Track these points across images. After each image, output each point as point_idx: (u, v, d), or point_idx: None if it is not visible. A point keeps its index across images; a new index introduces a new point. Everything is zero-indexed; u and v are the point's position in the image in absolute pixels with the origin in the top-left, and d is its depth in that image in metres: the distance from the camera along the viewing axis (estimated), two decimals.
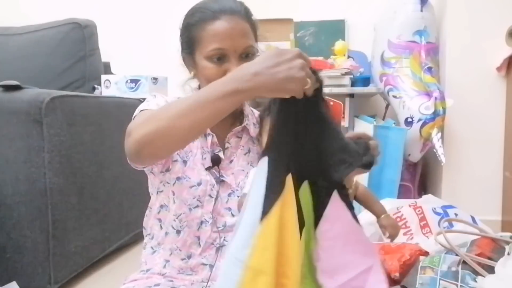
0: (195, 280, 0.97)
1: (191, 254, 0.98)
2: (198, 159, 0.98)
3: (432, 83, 2.03)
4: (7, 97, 1.34)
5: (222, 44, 0.91)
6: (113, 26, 2.39)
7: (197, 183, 0.96)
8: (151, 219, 1.04)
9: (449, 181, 2.13)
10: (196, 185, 0.96)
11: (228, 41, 0.91)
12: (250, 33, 0.95)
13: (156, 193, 1.01)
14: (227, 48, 0.91)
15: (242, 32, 0.92)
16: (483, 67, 2.07)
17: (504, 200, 2.06)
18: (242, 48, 0.92)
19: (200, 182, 0.96)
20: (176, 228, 0.98)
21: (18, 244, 1.36)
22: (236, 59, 0.92)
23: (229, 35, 0.91)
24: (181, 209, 0.96)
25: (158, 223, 1.02)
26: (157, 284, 0.95)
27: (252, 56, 0.95)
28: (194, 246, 0.97)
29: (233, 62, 0.92)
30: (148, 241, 1.05)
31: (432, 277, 1.07)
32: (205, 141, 0.99)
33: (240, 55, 0.93)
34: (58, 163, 1.39)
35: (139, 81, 1.94)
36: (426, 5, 2.12)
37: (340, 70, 2.21)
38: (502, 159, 2.07)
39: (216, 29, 0.92)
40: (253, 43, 0.96)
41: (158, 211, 1.01)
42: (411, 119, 2.03)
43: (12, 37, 2.08)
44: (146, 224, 1.06)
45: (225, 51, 0.92)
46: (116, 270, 1.68)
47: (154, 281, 0.97)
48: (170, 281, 0.97)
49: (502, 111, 2.06)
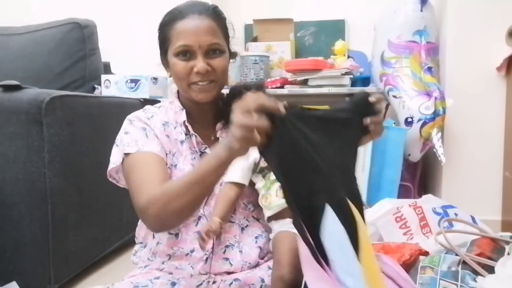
0: (194, 272, 0.99)
1: (193, 248, 1.00)
2: (188, 160, 1.01)
3: (432, 83, 2.03)
4: (7, 97, 1.34)
5: (187, 41, 0.96)
6: (113, 26, 2.39)
7: None
8: (143, 229, 1.07)
9: (449, 181, 2.13)
10: None
11: (193, 37, 0.96)
12: (217, 31, 0.99)
13: None
14: (192, 45, 0.96)
15: (207, 30, 0.97)
16: (483, 67, 2.07)
17: (504, 200, 2.06)
18: (207, 45, 0.97)
19: None
20: (174, 232, 1.01)
21: (18, 244, 1.36)
22: (202, 55, 0.97)
23: (194, 32, 0.96)
24: None
25: (151, 232, 1.04)
26: (157, 277, 0.97)
27: (221, 53, 1.00)
28: (195, 241, 0.99)
29: (199, 59, 0.96)
30: (140, 249, 1.06)
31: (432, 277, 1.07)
32: (191, 142, 1.03)
33: (207, 52, 0.97)
34: (58, 163, 1.39)
35: (139, 81, 1.95)
36: (426, 5, 2.12)
37: (340, 70, 2.21)
38: (502, 159, 2.07)
39: (182, 26, 0.97)
40: (221, 41, 1.00)
41: None
42: (411, 119, 2.03)
43: (12, 37, 2.07)
44: (138, 235, 1.09)
45: (190, 48, 0.96)
46: (116, 270, 1.68)
47: (154, 274, 0.99)
48: (170, 274, 0.99)
49: (502, 111, 2.06)
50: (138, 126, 1.01)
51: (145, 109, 1.07)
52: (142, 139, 0.99)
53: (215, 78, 0.99)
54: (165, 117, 1.05)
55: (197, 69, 0.96)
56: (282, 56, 2.49)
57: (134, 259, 1.09)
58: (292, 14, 2.56)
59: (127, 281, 0.97)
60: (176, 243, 1.01)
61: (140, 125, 1.01)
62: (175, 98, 1.08)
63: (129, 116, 1.05)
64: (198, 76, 0.97)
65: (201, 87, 0.98)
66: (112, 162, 1.01)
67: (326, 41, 2.56)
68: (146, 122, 1.02)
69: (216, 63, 0.98)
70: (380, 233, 1.58)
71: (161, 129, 1.02)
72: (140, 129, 1.00)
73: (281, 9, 2.59)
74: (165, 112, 1.06)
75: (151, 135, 1.00)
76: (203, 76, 0.97)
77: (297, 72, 2.24)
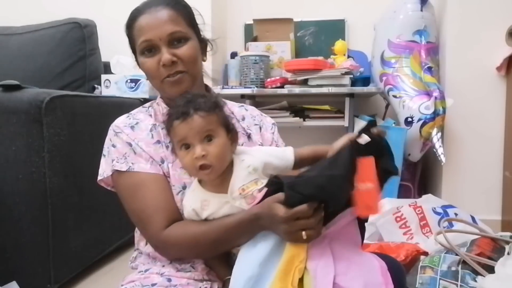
0: (195, 276, 0.97)
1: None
2: (176, 163, 0.96)
3: (432, 83, 2.03)
4: (7, 97, 1.34)
5: (147, 36, 0.93)
6: (113, 26, 2.38)
7: (182, 187, 0.96)
8: (136, 234, 1.04)
9: (449, 181, 2.13)
10: (182, 189, 0.95)
11: (151, 31, 0.93)
12: (177, 19, 0.95)
13: None
14: (153, 38, 0.93)
15: (165, 20, 0.93)
16: (483, 67, 2.07)
17: (504, 200, 2.06)
18: (167, 35, 0.93)
19: (185, 185, 0.96)
20: None
21: (18, 244, 1.36)
22: (166, 46, 0.93)
23: (151, 25, 0.93)
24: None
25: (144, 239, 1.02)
26: (154, 284, 0.95)
27: (186, 41, 0.96)
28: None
29: (163, 50, 0.93)
30: (138, 256, 1.04)
31: (432, 277, 1.07)
32: None
33: (170, 42, 0.94)
34: (58, 163, 1.39)
35: (139, 80, 1.95)
36: (426, 5, 2.12)
37: (340, 70, 2.21)
38: (502, 159, 2.07)
39: (140, 23, 0.95)
40: (183, 29, 0.95)
41: None
42: (411, 118, 2.03)
43: (12, 37, 2.07)
44: (138, 244, 1.06)
45: (152, 42, 0.93)
46: (116, 270, 1.68)
47: (151, 280, 0.97)
48: (168, 281, 0.97)
49: (502, 111, 2.06)
50: (123, 140, 0.96)
51: (131, 114, 1.02)
52: (130, 155, 0.95)
53: (184, 68, 0.94)
54: (152, 120, 1.00)
55: (162, 62, 0.92)
56: (282, 56, 2.49)
57: (131, 265, 1.06)
58: (292, 14, 2.55)
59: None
60: None
61: (125, 139, 0.96)
62: (160, 99, 1.04)
63: (113, 125, 0.99)
64: (166, 69, 0.93)
65: (173, 80, 0.94)
66: (100, 174, 0.98)
67: (326, 41, 2.56)
68: (129, 136, 0.97)
69: (181, 52, 0.94)
70: (380, 233, 1.58)
71: (147, 138, 0.97)
72: (125, 143, 0.96)
73: (281, 9, 2.58)
74: (154, 114, 1.02)
75: (139, 151, 0.95)
76: (171, 68, 0.93)
77: (297, 72, 2.24)
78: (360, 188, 0.75)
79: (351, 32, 2.61)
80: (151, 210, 0.90)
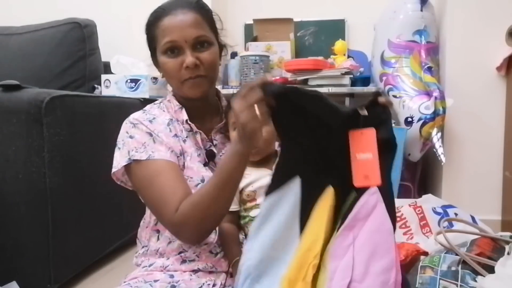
0: (199, 265, 0.98)
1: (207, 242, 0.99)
2: (194, 157, 1.00)
3: (432, 83, 2.03)
4: (7, 97, 1.34)
5: (173, 37, 0.95)
6: (113, 26, 2.39)
7: (201, 180, 0.97)
8: (145, 231, 1.05)
9: (449, 180, 2.13)
10: (200, 182, 0.97)
11: (177, 32, 0.95)
12: (202, 24, 0.98)
13: None
14: (178, 40, 0.95)
15: (191, 23, 0.95)
16: (483, 67, 2.07)
17: (504, 199, 2.06)
18: (193, 38, 0.95)
19: (203, 178, 0.98)
20: None
21: (18, 244, 1.36)
22: (190, 49, 0.95)
23: (178, 27, 0.95)
24: None
25: (156, 234, 1.02)
26: (156, 280, 0.96)
27: (209, 46, 0.98)
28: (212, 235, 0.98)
29: (187, 53, 0.95)
30: (144, 252, 1.05)
31: (432, 277, 1.07)
32: (195, 140, 1.02)
33: (194, 45, 0.96)
34: (58, 163, 1.38)
35: (139, 80, 1.95)
36: (426, 4, 2.12)
37: (340, 70, 2.21)
38: (502, 159, 2.07)
39: (166, 23, 0.96)
40: (207, 33, 0.98)
41: (156, 222, 1.02)
42: (411, 118, 2.03)
43: (12, 37, 2.07)
44: (140, 236, 1.07)
45: (177, 43, 0.95)
46: (116, 270, 1.68)
47: (154, 276, 0.97)
48: (170, 277, 0.97)
49: (502, 111, 2.06)
50: (143, 130, 0.98)
51: (145, 110, 1.05)
52: (150, 144, 0.96)
53: (205, 73, 0.97)
54: (168, 115, 1.03)
55: (186, 64, 0.95)
56: (282, 56, 2.49)
57: (137, 261, 1.07)
58: (292, 14, 2.56)
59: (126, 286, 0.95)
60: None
61: (145, 130, 0.98)
62: (172, 97, 1.06)
63: (130, 118, 1.01)
64: (188, 72, 0.96)
65: (193, 82, 0.97)
66: (114, 166, 0.98)
67: (326, 41, 2.56)
68: (148, 127, 0.99)
69: (204, 56, 0.97)
70: None
71: (166, 131, 0.99)
72: (145, 133, 0.97)
73: (281, 9, 2.58)
74: (166, 110, 1.04)
75: (159, 140, 0.97)
76: (193, 71, 0.96)
77: (297, 72, 2.24)
78: (359, 157, 0.75)
79: (351, 32, 2.61)
80: (168, 195, 0.90)
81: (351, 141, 0.75)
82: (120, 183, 1.03)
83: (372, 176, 0.75)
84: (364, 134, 0.75)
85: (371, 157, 0.74)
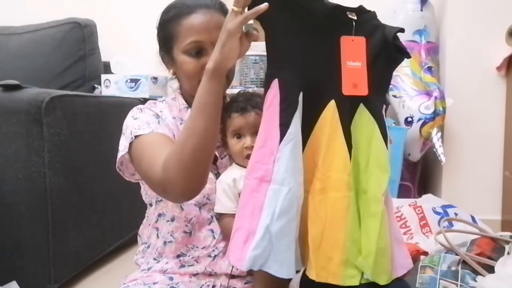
0: (198, 269, 0.98)
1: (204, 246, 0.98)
2: None
3: (432, 83, 2.03)
4: (7, 96, 1.34)
5: (199, 37, 0.92)
6: (113, 26, 2.39)
7: None
8: (147, 228, 1.05)
9: (449, 180, 2.13)
10: None
11: (204, 34, 0.92)
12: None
13: (155, 202, 1.01)
14: (204, 41, 0.92)
15: (218, 25, 0.90)
16: (483, 67, 2.07)
17: (504, 199, 2.06)
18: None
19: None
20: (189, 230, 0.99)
21: (18, 244, 1.36)
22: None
23: (205, 28, 0.92)
24: (191, 213, 0.97)
25: (156, 232, 1.02)
26: (156, 282, 0.95)
27: None
28: (209, 238, 0.98)
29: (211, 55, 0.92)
30: (144, 249, 1.05)
31: (432, 277, 1.07)
32: None
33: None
34: (58, 163, 1.39)
35: (139, 80, 1.95)
36: (426, 4, 2.12)
37: None
38: (502, 159, 2.07)
39: (192, 22, 0.93)
40: None
41: (156, 220, 1.01)
42: (411, 118, 2.03)
43: (12, 37, 2.07)
44: (142, 233, 1.07)
45: (202, 44, 0.93)
46: (116, 270, 1.68)
47: (153, 279, 0.97)
48: (170, 279, 0.97)
49: (502, 111, 2.06)
50: (149, 113, 0.96)
51: (153, 103, 1.03)
52: (154, 123, 0.94)
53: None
54: (172, 113, 1.01)
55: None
56: None
57: (137, 260, 1.06)
58: None
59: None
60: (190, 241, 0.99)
61: (152, 113, 0.97)
62: (178, 95, 1.04)
63: (137, 107, 1.00)
64: None
65: None
66: (120, 151, 0.95)
67: None
68: (157, 112, 0.98)
69: None
70: None
71: (173, 121, 0.99)
72: (152, 115, 0.96)
73: None
74: (169, 108, 1.03)
75: (164, 123, 0.96)
76: None
77: None
78: (348, 65, 0.75)
79: None
80: (157, 155, 0.86)
81: (343, 47, 0.76)
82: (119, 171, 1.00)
83: (360, 84, 0.76)
84: (355, 41, 0.76)
85: (360, 65, 0.75)
